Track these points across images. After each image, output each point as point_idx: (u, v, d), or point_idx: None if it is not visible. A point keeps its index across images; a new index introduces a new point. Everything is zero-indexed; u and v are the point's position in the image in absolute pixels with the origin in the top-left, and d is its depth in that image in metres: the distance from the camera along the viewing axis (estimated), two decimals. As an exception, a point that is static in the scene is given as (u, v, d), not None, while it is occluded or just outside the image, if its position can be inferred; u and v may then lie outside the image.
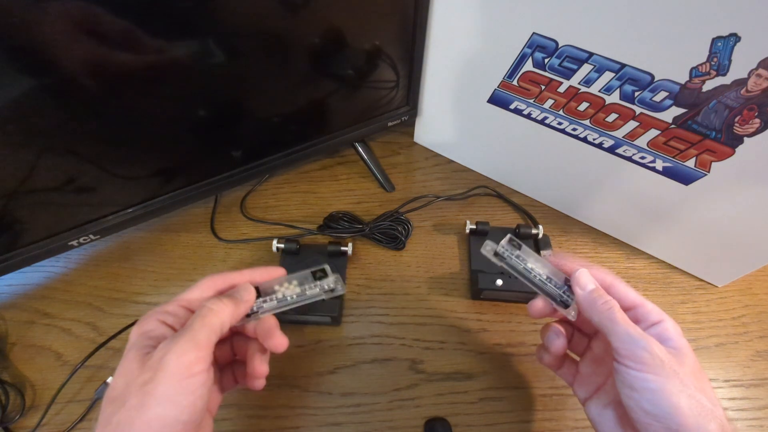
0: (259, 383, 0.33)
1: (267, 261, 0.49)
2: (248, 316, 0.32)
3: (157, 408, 0.24)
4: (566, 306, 0.33)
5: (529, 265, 0.34)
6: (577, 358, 0.36)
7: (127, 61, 0.34)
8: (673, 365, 0.28)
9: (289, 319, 0.44)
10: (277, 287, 0.33)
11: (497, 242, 0.35)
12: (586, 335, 0.36)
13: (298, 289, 0.34)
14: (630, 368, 0.28)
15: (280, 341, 0.32)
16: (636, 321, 0.31)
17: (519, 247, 0.34)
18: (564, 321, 0.37)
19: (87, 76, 0.33)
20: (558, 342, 0.34)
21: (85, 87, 0.33)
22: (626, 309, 0.31)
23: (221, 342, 0.31)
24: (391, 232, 0.49)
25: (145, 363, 0.26)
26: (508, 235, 0.35)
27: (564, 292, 0.33)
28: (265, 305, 0.33)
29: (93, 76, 0.33)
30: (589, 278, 0.32)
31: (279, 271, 0.34)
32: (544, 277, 0.33)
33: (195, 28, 0.35)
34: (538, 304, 0.34)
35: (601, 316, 0.30)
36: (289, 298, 0.33)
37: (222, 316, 0.28)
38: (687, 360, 0.29)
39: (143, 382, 0.25)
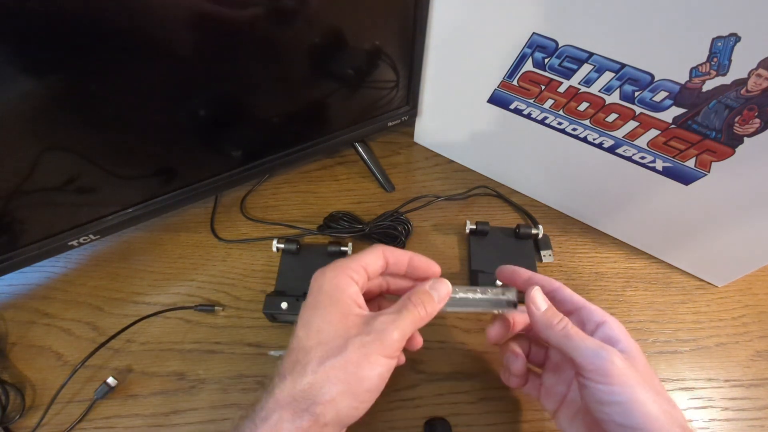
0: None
1: (267, 261, 0.49)
2: None
3: (370, 371, 0.27)
4: (515, 306, 0.34)
5: (460, 294, 0.34)
6: (539, 371, 0.37)
7: (127, 61, 0.34)
8: (634, 373, 0.28)
9: (288, 320, 0.44)
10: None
11: None
12: (542, 346, 0.37)
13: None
14: (597, 383, 0.28)
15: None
16: (581, 323, 0.32)
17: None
18: (519, 337, 0.38)
19: (87, 76, 0.33)
20: (518, 362, 0.36)
21: (85, 87, 0.33)
22: (570, 312, 0.33)
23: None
24: (391, 232, 0.49)
25: (365, 323, 0.28)
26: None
27: (504, 294, 0.34)
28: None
29: (93, 76, 0.33)
30: (542, 298, 0.32)
31: (436, 266, 0.35)
32: (479, 294, 0.34)
33: (195, 27, 0.35)
34: (493, 330, 0.35)
35: (558, 335, 0.30)
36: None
37: (430, 311, 0.31)
38: (639, 362, 0.29)
39: (364, 343, 0.27)
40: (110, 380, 0.40)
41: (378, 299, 0.36)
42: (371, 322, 0.28)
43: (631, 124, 0.40)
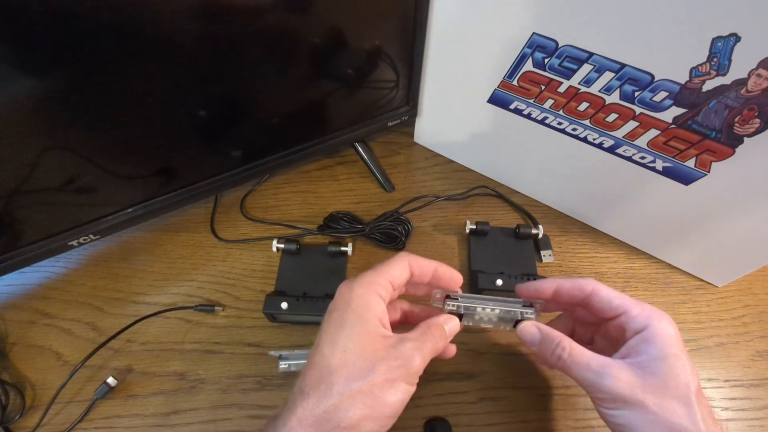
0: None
1: (267, 261, 0.49)
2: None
3: (393, 397, 0.28)
4: (531, 306, 0.34)
5: (480, 308, 0.34)
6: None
7: (127, 60, 0.34)
8: (638, 392, 0.28)
9: (288, 320, 0.44)
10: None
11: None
12: (587, 323, 0.36)
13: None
14: (600, 405, 0.29)
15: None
16: (622, 330, 0.31)
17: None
18: (562, 318, 0.37)
19: (87, 75, 0.33)
20: None
21: (85, 86, 0.33)
22: (611, 318, 0.31)
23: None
24: (391, 232, 0.49)
25: (391, 346, 0.29)
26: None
27: (524, 307, 0.34)
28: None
29: (93, 75, 0.33)
30: (531, 335, 0.33)
31: (458, 277, 0.35)
32: (498, 310, 0.34)
33: (195, 27, 0.35)
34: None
35: (557, 365, 0.31)
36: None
37: (441, 345, 0.32)
38: (666, 372, 0.28)
39: (391, 368, 0.28)
40: (110, 380, 0.40)
41: (394, 303, 0.36)
42: (398, 346, 0.29)
43: (631, 124, 0.40)
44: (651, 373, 0.28)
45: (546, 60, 0.40)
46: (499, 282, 0.43)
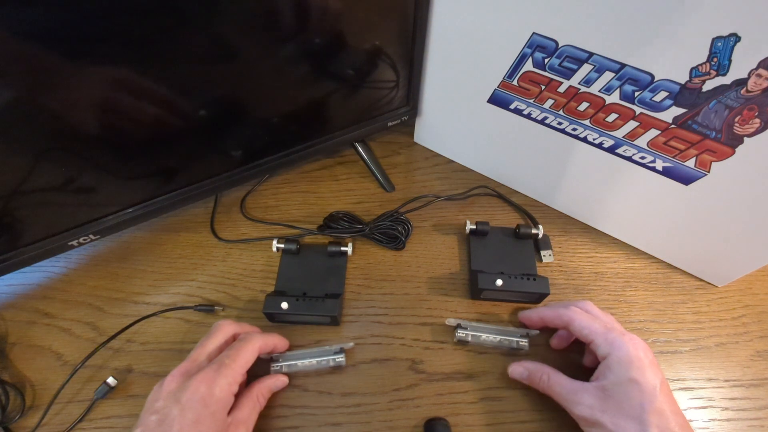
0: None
1: (267, 261, 0.49)
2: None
3: None
4: (527, 336, 0.42)
5: (484, 335, 0.42)
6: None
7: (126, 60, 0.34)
8: (597, 414, 0.34)
9: (288, 320, 0.44)
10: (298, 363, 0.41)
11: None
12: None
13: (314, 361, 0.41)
14: (579, 422, 0.36)
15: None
16: (594, 353, 0.37)
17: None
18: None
19: (88, 74, 0.33)
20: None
21: (85, 85, 0.33)
22: (587, 343, 0.38)
23: None
24: (391, 232, 0.49)
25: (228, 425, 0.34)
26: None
27: (520, 337, 0.42)
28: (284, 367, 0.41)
29: (93, 75, 0.33)
30: (519, 372, 0.40)
31: (284, 343, 0.42)
32: (498, 338, 0.42)
33: (195, 27, 0.35)
34: (555, 340, 0.43)
35: (544, 390, 0.38)
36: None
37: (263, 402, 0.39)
38: (621, 395, 0.33)
39: None
40: (110, 380, 0.40)
41: None
42: (230, 429, 0.34)
43: (631, 124, 0.40)
44: (609, 396, 0.34)
45: (546, 60, 0.40)
46: (499, 282, 0.43)
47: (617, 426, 0.32)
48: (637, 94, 0.37)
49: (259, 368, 0.41)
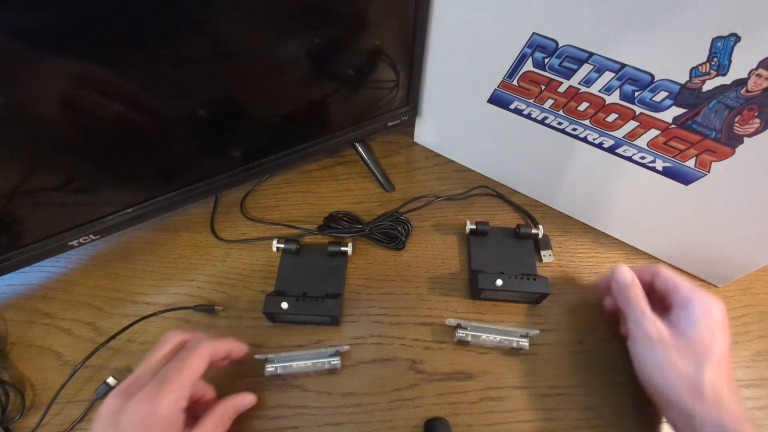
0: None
1: (267, 261, 0.49)
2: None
3: None
4: (526, 336, 0.42)
5: (484, 335, 0.42)
6: None
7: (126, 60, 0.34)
8: (665, 337, 0.35)
9: (288, 320, 0.44)
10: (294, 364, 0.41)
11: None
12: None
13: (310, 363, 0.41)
14: (632, 341, 0.38)
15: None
16: (671, 305, 0.38)
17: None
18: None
19: (86, 74, 0.33)
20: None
21: (85, 86, 0.33)
22: (668, 293, 0.39)
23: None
24: (391, 232, 0.49)
25: None
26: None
27: (520, 337, 0.42)
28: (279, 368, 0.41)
29: (93, 75, 0.33)
30: (625, 275, 0.40)
31: (244, 347, 0.39)
32: (498, 338, 0.42)
33: (195, 27, 0.35)
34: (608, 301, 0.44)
35: (623, 304, 0.40)
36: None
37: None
38: (693, 335, 0.35)
39: None
40: (110, 380, 0.40)
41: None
42: None
43: (631, 124, 0.40)
44: (680, 332, 0.35)
45: (546, 60, 0.40)
46: (499, 282, 0.43)
47: (677, 350, 0.34)
48: (637, 94, 0.37)
49: (257, 368, 0.41)
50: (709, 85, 0.33)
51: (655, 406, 0.37)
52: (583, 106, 0.41)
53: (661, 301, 0.40)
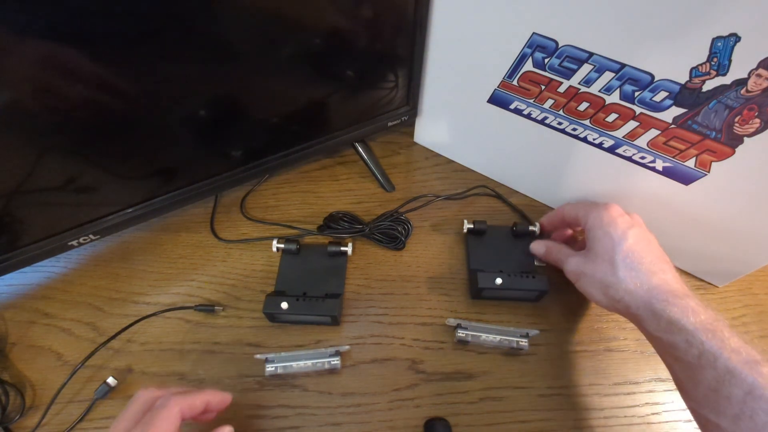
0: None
1: (267, 261, 0.49)
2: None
3: None
4: (526, 336, 0.43)
5: (484, 335, 0.43)
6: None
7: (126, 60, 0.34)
8: (581, 266, 0.40)
9: (288, 320, 0.44)
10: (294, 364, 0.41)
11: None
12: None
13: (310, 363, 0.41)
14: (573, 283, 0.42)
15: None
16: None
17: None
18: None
19: (85, 74, 0.33)
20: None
21: (85, 86, 0.33)
22: (574, 223, 0.44)
23: None
24: (391, 232, 0.49)
25: None
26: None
27: (520, 337, 0.43)
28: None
29: (91, 75, 0.33)
30: (538, 247, 0.46)
31: (227, 398, 0.37)
32: (498, 338, 0.43)
33: (195, 28, 0.35)
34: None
35: (557, 262, 0.44)
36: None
37: None
38: (596, 246, 0.39)
39: None
40: (110, 380, 0.40)
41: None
42: None
43: (631, 124, 0.40)
44: (589, 250, 0.40)
45: (546, 60, 0.40)
46: (499, 280, 0.43)
47: (594, 270, 0.38)
48: (637, 94, 0.37)
49: (257, 368, 0.41)
50: (709, 85, 0.33)
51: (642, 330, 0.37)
52: (583, 106, 0.41)
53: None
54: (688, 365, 0.32)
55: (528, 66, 0.41)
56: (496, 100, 0.47)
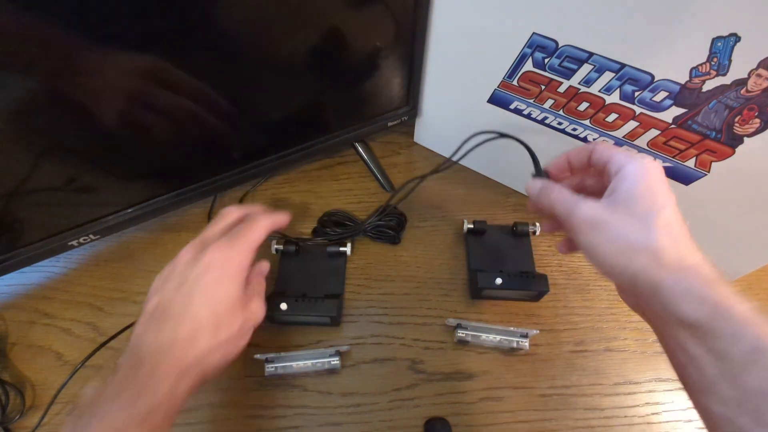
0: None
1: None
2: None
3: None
4: (526, 336, 0.42)
5: (484, 335, 0.42)
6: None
7: (127, 62, 0.34)
8: (601, 214, 0.30)
9: (288, 320, 0.44)
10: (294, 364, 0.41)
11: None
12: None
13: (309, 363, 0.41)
14: (573, 234, 0.32)
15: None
16: (608, 175, 0.32)
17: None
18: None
19: (87, 80, 0.33)
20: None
21: (85, 90, 0.33)
22: (603, 165, 0.33)
23: None
24: (385, 227, 0.49)
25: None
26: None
27: (520, 337, 0.42)
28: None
29: (92, 80, 0.33)
30: (534, 185, 0.37)
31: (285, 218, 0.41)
32: (498, 338, 0.42)
33: (195, 28, 0.35)
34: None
35: (548, 206, 0.34)
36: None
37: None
38: (630, 199, 0.30)
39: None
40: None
41: None
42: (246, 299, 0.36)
43: (631, 124, 0.40)
44: (618, 199, 0.30)
45: (546, 60, 0.40)
46: (499, 281, 0.43)
47: (619, 222, 0.29)
48: (637, 94, 0.37)
49: (257, 368, 0.41)
50: (709, 85, 0.33)
51: (633, 307, 0.33)
52: (583, 106, 0.41)
53: (600, 182, 0.36)
54: (729, 361, 0.26)
55: (528, 66, 0.41)
56: (496, 100, 0.47)
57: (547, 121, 0.45)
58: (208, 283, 0.33)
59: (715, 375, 0.27)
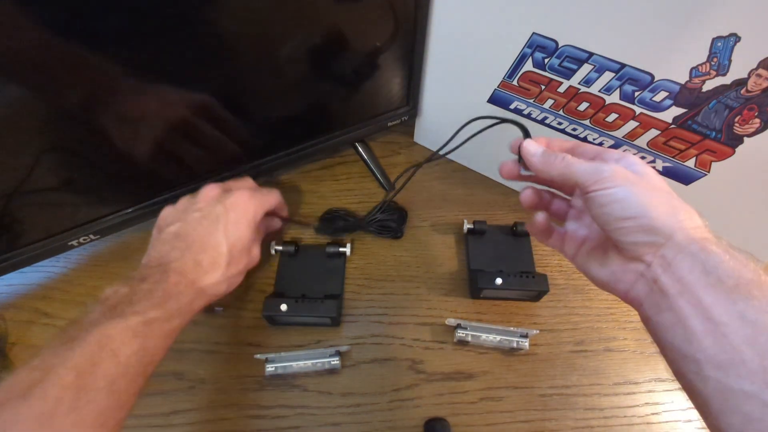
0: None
1: (266, 261, 0.49)
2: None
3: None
4: (526, 336, 0.42)
5: (484, 335, 0.43)
6: (561, 223, 0.36)
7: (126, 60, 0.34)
8: (632, 176, 0.28)
9: (288, 321, 0.44)
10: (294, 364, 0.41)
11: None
12: (564, 199, 0.36)
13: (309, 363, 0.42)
14: (597, 191, 0.28)
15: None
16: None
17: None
18: (541, 191, 0.37)
19: (87, 78, 0.33)
20: (540, 216, 0.35)
21: (85, 87, 0.33)
22: (592, 159, 0.31)
23: None
24: (386, 222, 0.49)
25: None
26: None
27: (520, 337, 0.42)
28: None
29: (93, 79, 0.33)
30: (535, 145, 0.33)
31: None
32: (498, 338, 0.42)
33: (196, 28, 0.35)
34: (505, 168, 0.36)
35: (559, 168, 0.30)
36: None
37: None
38: (653, 179, 0.29)
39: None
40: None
41: None
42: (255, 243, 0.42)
43: (631, 124, 0.40)
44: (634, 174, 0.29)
45: (546, 60, 0.40)
46: (499, 281, 0.43)
47: (648, 185, 0.28)
48: (637, 94, 0.37)
49: (257, 368, 0.41)
50: (709, 85, 0.33)
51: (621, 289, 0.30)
52: (583, 106, 0.41)
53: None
54: (761, 327, 0.24)
55: (528, 66, 0.41)
56: (496, 100, 0.47)
57: (547, 121, 0.45)
58: (230, 221, 0.37)
59: (741, 344, 0.24)
